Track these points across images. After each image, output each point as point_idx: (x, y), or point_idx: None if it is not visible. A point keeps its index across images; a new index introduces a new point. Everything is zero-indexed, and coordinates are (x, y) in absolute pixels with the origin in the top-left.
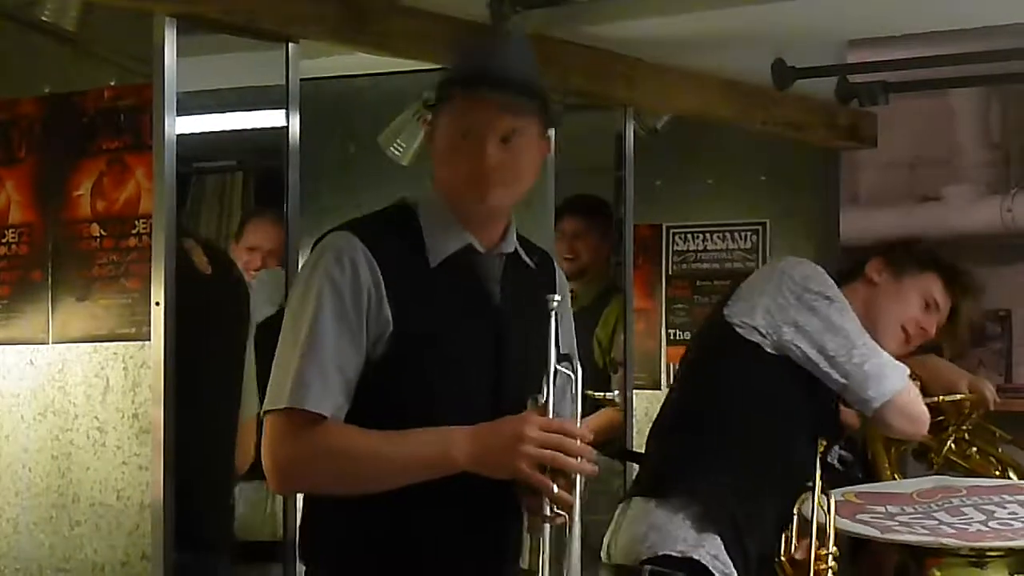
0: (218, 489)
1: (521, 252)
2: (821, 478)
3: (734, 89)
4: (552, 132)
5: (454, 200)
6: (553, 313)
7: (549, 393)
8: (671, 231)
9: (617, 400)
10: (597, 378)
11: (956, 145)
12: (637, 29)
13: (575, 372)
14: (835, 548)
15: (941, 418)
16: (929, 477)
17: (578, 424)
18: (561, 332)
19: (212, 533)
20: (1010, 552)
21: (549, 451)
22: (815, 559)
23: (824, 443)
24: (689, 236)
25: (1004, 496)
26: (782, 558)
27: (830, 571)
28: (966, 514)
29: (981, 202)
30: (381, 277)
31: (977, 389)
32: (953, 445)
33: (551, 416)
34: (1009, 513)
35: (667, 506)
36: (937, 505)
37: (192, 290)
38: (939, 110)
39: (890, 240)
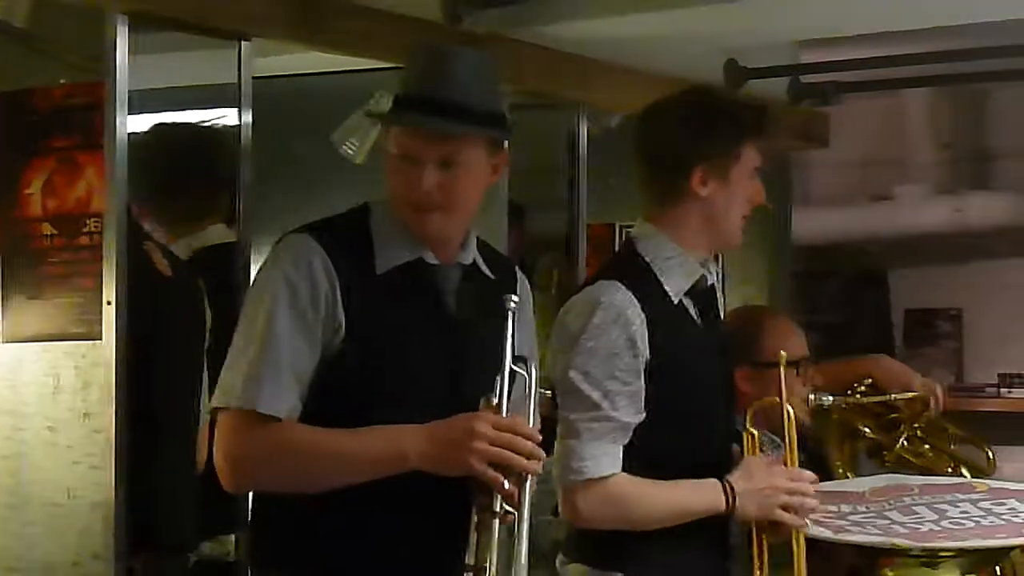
0: (174, 489)
1: (480, 263)
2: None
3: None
4: (506, 144)
5: (399, 217)
6: (509, 314)
7: (502, 392)
8: (624, 230)
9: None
10: None
11: (907, 145)
12: (591, 29)
13: (530, 374)
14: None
15: (894, 416)
16: (882, 475)
17: (531, 424)
18: (519, 335)
19: (169, 533)
20: (961, 552)
21: (500, 449)
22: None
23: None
24: None
25: (957, 495)
26: None
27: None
28: (918, 513)
29: (932, 202)
30: (336, 281)
31: (928, 389)
32: (906, 443)
33: (504, 415)
34: (961, 512)
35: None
36: (890, 504)
37: (150, 291)
38: (890, 110)
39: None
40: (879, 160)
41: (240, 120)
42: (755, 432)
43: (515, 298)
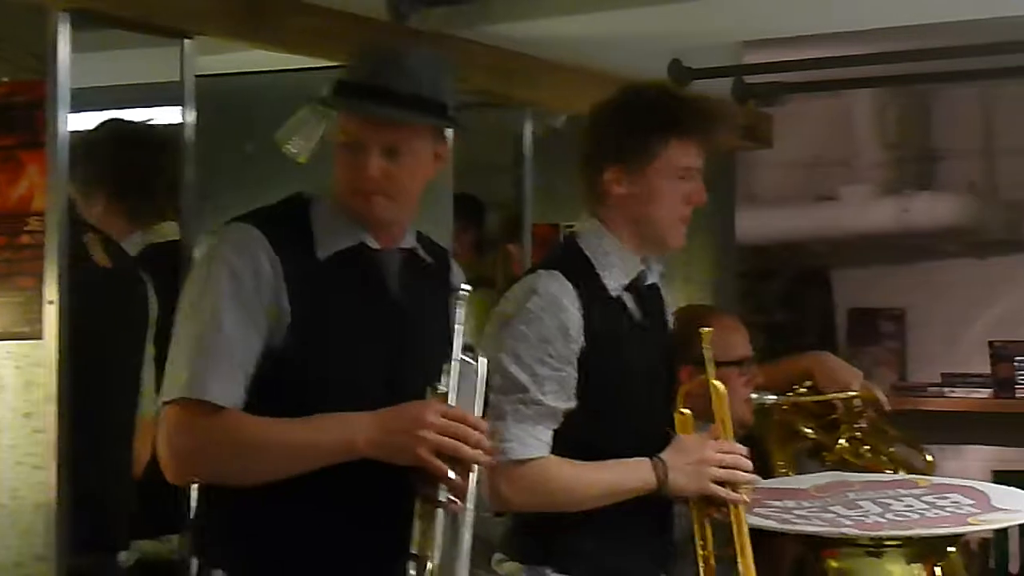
0: (117, 488)
1: (419, 249)
2: None
3: None
4: (449, 134)
5: (343, 202)
6: (459, 304)
7: (451, 382)
8: (568, 230)
9: None
10: None
11: (853, 145)
12: (537, 28)
13: (478, 363)
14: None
15: (835, 416)
16: (825, 473)
17: (478, 415)
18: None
19: (111, 533)
20: (906, 542)
21: (448, 438)
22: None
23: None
24: None
25: (899, 490)
26: None
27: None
28: (862, 507)
29: (877, 202)
30: (280, 269)
31: (868, 389)
32: (846, 443)
33: (452, 405)
34: (905, 506)
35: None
36: (833, 499)
37: (89, 285)
38: (836, 111)
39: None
40: (824, 160)
41: (183, 119)
42: (686, 412)
43: (467, 287)
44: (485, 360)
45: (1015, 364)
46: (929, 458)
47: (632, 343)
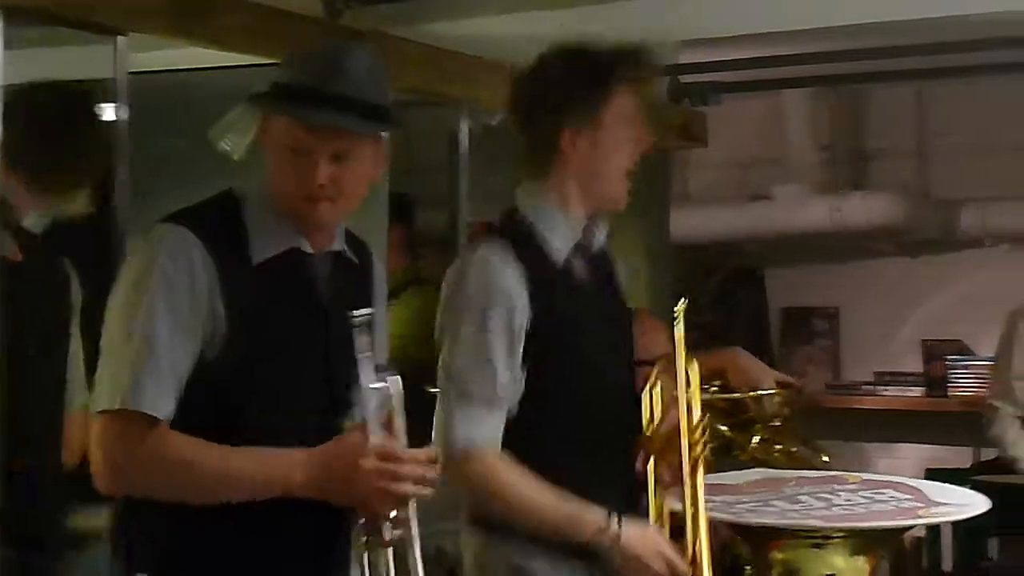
0: (44, 484)
1: (347, 251)
2: None
3: None
4: (386, 133)
5: (282, 207)
6: (359, 330)
7: (369, 412)
8: None
9: None
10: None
11: (786, 145)
12: (472, 27)
13: (391, 383)
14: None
15: (749, 415)
16: (752, 470)
17: (402, 434)
18: (376, 339)
19: (39, 529)
20: (851, 534)
21: (391, 482)
22: (688, 431)
23: None
24: None
25: (834, 486)
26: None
27: (702, 444)
28: (804, 501)
29: (811, 201)
30: (215, 273)
31: (784, 383)
32: (758, 443)
33: (371, 435)
34: (847, 500)
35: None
36: (773, 495)
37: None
38: (770, 111)
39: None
40: (758, 160)
41: (116, 116)
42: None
43: (367, 311)
44: (398, 378)
45: (947, 363)
46: (825, 458)
47: (581, 309)
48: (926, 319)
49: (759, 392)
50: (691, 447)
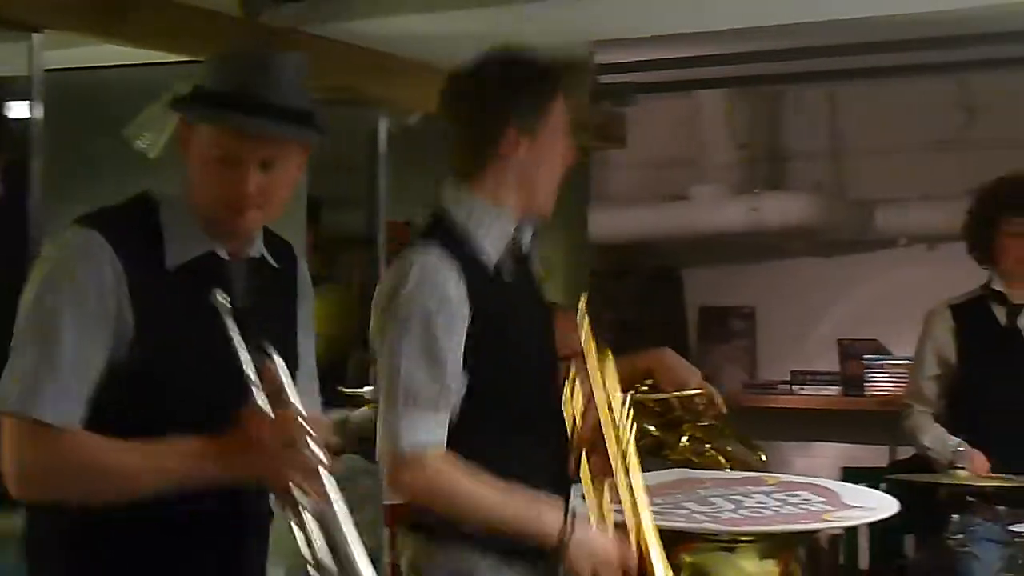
0: None
1: (267, 255)
2: None
3: None
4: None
5: (205, 214)
6: (227, 316)
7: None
8: None
9: (372, 396)
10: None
11: (703, 145)
12: (390, 26)
13: (275, 361)
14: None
15: (676, 414)
16: (671, 471)
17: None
18: (301, 330)
19: None
20: (760, 538)
21: (287, 449)
22: (609, 421)
23: None
24: None
25: (749, 487)
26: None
27: (628, 428)
28: (715, 504)
29: (727, 201)
30: (125, 279)
31: (706, 389)
32: (687, 442)
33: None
34: (757, 502)
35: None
36: (685, 496)
37: None
38: (687, 111)
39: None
40: (676, 160)
41: (31, 113)
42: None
43: (224, 296)
44: (280, 359)
45: (863, 362)
46: (763, 457)
47: (514, 313)
48: (842, 318)
49: (684, 392)
50: (617, 441)
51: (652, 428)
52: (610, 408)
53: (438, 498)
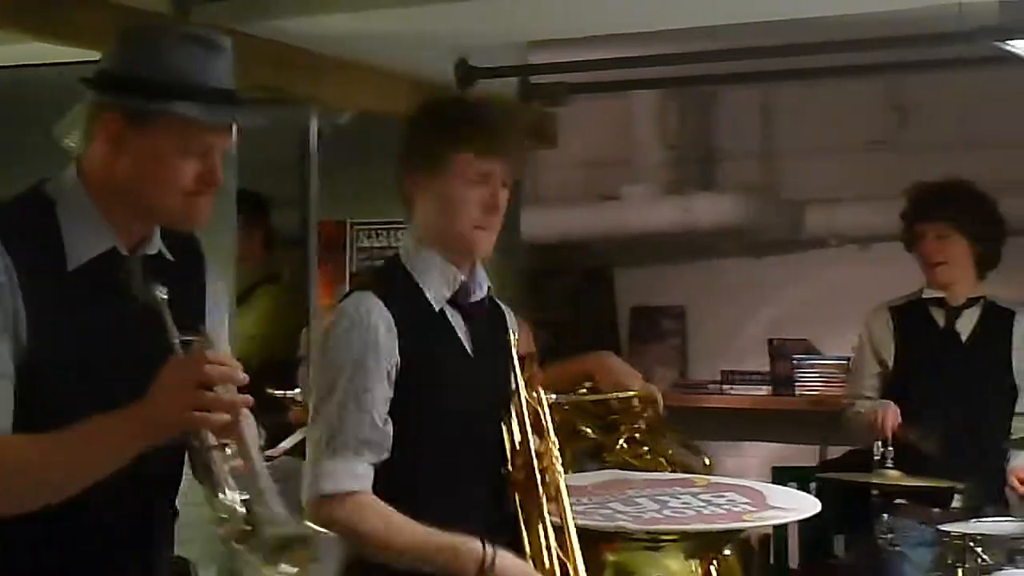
0: None
1: (164, 250)
2: None
3: (418, 88)
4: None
5: (148, 203)
6: (161, 303)
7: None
8: (356, 227)
9: (299, 398)
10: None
11: (635, 146)
12: (322, 24)
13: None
14: (555, 439)
15: (615, 416)
16: (604, 471)
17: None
18: (211, 316)
19: None
20: (684, 537)
21: (196, 389)
22: (536, 457)
23: None
24: (374, 233)
25: (677, 488)
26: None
27: (557, 460)
28: (640, 504)
29: (659, 202)
30: (16, 280)
31: (647, 391)
32: (625, 444)
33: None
34: (682, 503)
35: None
36: (612, 496)
37: None
38: (619, 111)
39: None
40: (607, 160)
41: None
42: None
43: (162, 292)
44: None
45: (793, 362)
46: (707, 461)
47: (453, 358)
48: (773, 318)
49: (619, 394)
50: (542, 473)
51: (589, 430)
52: (542, 438)
53: (360, 538)
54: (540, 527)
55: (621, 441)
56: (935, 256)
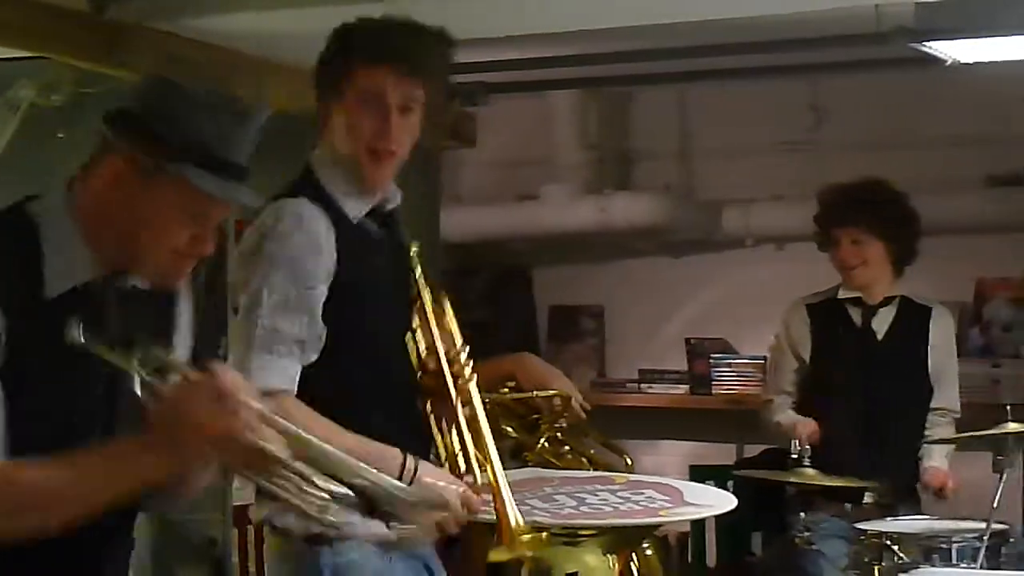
0: None
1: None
2: None
3: None
4: None
5: (134, 255)
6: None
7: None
8: None
9: None
10: None
11: (554, 145)
12: (238, 23)
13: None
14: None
15: (536, 416)
16: (524, 469)
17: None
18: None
19: None
20: (601, 533)
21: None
22: (448, 362)
23: None
24: None
25: (596, 486)
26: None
27: (467, 368)
28: (558, 501)
29: (577, 201)
30: None
31: (567, 391)
32: (547, 443)
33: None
34: (600, 500)
35: None
36: (531, 494)
37: None
38: (537, 111)
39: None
40: (526, 160)
41: None
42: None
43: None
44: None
45: (710, 361)
46: (629, 460)
47: (376, 268)
48: (690, 318)
49: (540, 392)
50: (455, 378)
51: (510, 429)
52: (449, 345)
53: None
54: (455, 432)
55: (542, 440)
56: (851, 260)
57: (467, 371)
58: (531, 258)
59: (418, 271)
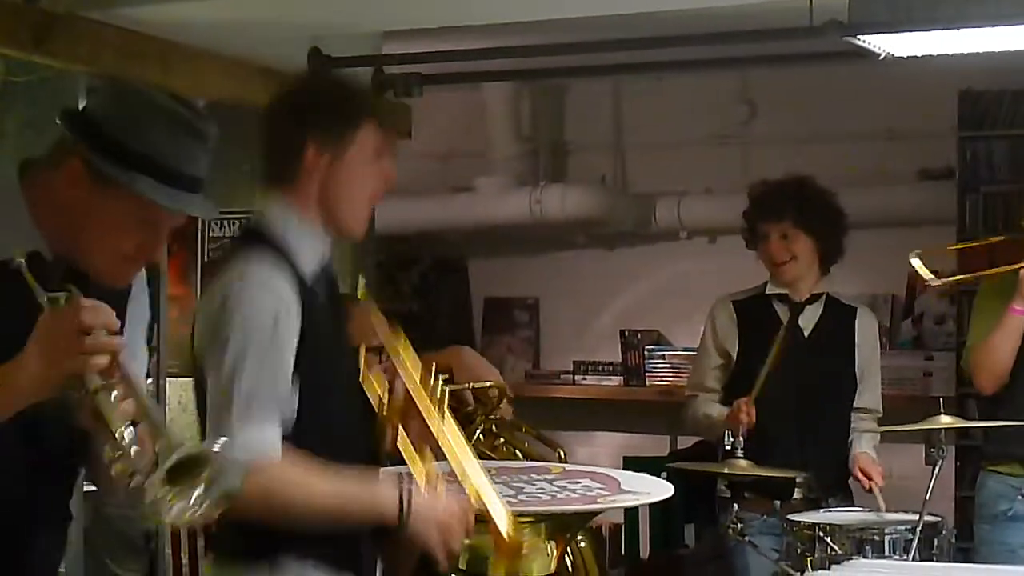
0: None
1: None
2: None
3: (269, 76)
4: None
5: (88, 260)
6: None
7: None
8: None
9: (149, 387)
10: None
11: (488, 138)
12: (173, 12)
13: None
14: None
15: (470, 408)
16: None
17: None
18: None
19: None
20: (539, 520)
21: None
22: (425, 386)
23: None
24: (226, 223)
25: (533, 476)
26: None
27: (445, 392)
28: (495, 489)
29: (511, 193)
30: None
31: (499, 384)
32: (481, 436)
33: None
34: (537, 489)
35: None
36: None
37: None
38: (472, 103)
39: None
40: (461, 152)
41: None
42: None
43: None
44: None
45: (644, 352)
46: (563, 453)
47: (328, 330)
48: (624, 310)
49: (475, 384)
50: (431, 398)
51: None
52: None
53: (275, 504)
54: (427, 454)
55: (477, 433)
56: (780, 255)
57: (440, 387)
58: (466, 250)
59: (374, 310)
